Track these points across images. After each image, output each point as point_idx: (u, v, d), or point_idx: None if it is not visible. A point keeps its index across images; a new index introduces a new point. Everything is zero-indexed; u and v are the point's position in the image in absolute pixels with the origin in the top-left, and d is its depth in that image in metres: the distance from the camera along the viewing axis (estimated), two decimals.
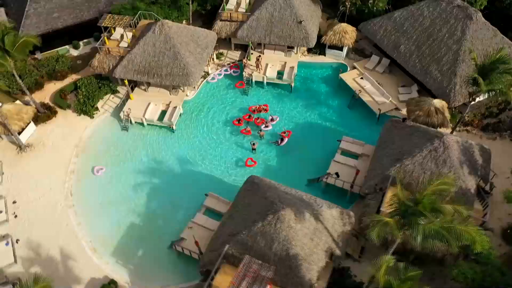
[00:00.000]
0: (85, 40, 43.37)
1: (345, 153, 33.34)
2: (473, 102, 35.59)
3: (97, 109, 37.75)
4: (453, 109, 34.91)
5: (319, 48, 41.68)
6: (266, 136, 35.80)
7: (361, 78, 39.04)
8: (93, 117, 37.24)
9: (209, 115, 37.98)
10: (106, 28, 38.68)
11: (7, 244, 28.69)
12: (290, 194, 26.36)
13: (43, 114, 36.59)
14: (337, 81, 40.11)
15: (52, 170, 33.55)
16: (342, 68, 40.86)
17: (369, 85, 38.35)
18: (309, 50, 42.15)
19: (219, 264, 23.85)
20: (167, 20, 37.20)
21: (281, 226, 23.26)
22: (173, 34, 36.20)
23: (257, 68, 39.59)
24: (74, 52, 42.45)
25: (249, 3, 42.06)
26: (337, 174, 31.63)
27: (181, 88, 38.40)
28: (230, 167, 34.27)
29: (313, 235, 24.04)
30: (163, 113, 37.11)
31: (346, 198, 31.20)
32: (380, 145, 30.73)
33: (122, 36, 38.96)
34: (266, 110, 37.57)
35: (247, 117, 36.78)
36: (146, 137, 36.32)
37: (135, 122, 36.90)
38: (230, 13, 40.50)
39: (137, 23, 39.79)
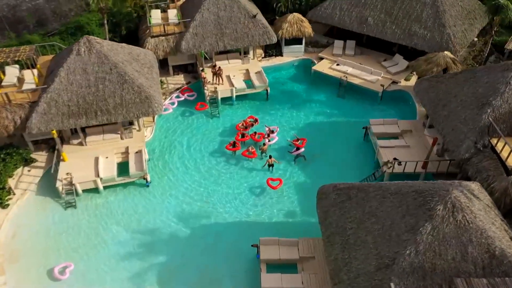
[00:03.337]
0: None
1: (382, 137, 26.64)
2: (460, 53, 33.12)
3: (10, 192, 23.40)
4: None
5: (274, 49, 35.21)
6: (278, 154, 26.67)
7: (337, 64, 33.46)
8: (7, 206, 22.78)
9: (185, 151, 27.09)
10: None
11: None
12: (404, 184, 17.81)
13: None
14: (310, 76, 33.85)
15: None
16: (307, 62, 34.92)
17: (350, 68, 32.88)
18: (265, 54, 35.24)
19: None
20: (91, 36, 26.06)
21: (464, 215, 14.45)
22: (107, 52, 25.15)
23: (218, 79, 30.71)
24: None
25: (178, 12, 33.51)
26: (395, 159, 24.47)
27: (135, 126, 26.88)
28: (254, 200, 23.92)
29: (489, 217, 15.81)
30: (122, 166, 24.90)
31: None
32: (434, 105, 24.64)
33: (20, 78, 26.11)
34: (256, 122, 28.64)
35: (240, 136, 27.17)
36: (110, 206, 23.43)
37: (83, 191, 23.77)
38: (164, 25, 31.22)
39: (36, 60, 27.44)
